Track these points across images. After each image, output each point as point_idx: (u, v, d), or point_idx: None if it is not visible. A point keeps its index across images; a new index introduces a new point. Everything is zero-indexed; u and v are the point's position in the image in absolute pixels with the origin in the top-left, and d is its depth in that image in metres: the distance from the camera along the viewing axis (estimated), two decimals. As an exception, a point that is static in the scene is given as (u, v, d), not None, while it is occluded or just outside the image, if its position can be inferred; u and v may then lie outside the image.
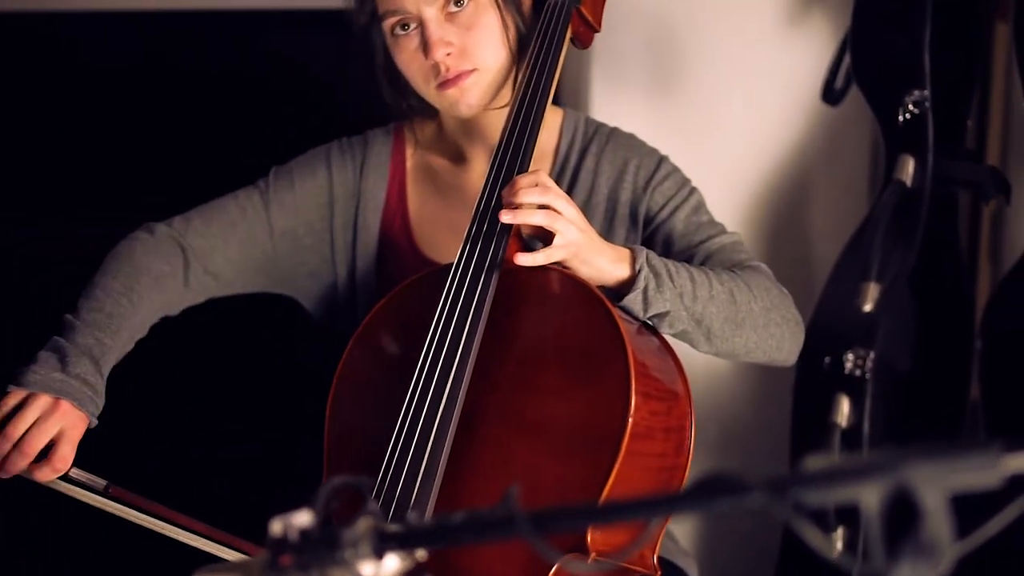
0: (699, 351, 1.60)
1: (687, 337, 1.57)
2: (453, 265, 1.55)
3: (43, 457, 1.50)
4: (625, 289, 1.52)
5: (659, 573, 1.51)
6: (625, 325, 1.46)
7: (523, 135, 1.63)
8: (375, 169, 1.84)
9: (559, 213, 1.49)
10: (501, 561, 1.41)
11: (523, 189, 1.50)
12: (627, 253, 1.53)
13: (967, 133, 2.39)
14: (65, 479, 1.52)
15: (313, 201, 1.82)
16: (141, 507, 1.53)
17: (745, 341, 1.59)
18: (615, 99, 2.50)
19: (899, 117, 2.19)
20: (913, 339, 2.29)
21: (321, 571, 0.87)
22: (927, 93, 2.16)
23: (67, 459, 1.51)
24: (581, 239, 1.50)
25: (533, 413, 1.46)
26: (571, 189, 1.78)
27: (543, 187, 1.50)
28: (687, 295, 1.53)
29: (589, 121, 1.84)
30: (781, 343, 1.63)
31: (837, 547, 2.11)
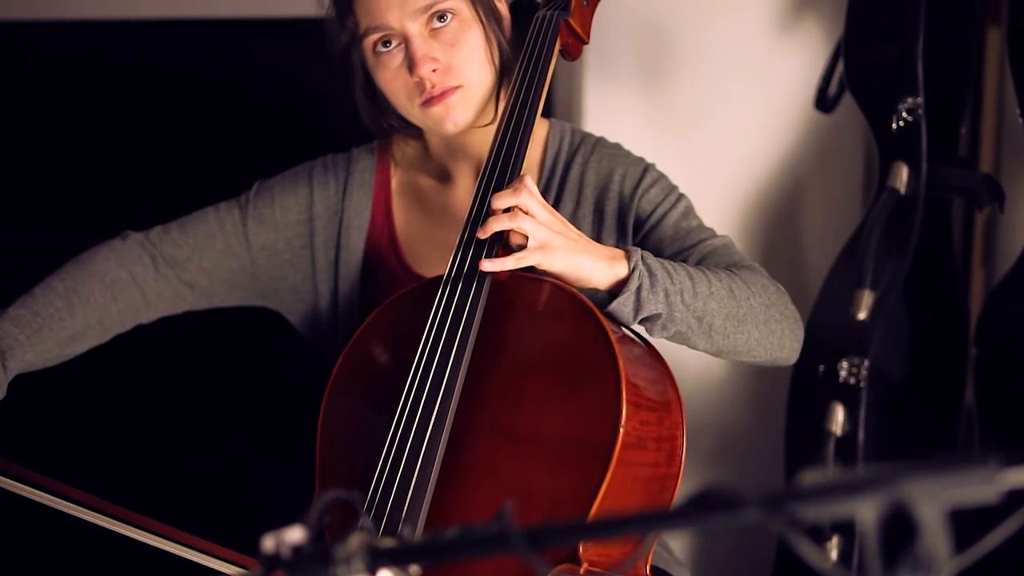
0: (698, 349, 1.58)
1: (684, 338, 1.55)
2: (442, 278, 1.55)
3: None
4: (619, 290, 1.50)
5: None
6: (615, 335, 1.45)
7: (512, 148, 1.62)
8: (359, 188, 1.83)
9: (529, 215, 1.48)
10: (494, 573, 1.40)
11: (500, 196, 1.50)
12: (621, 253, 1.51)
13: (961, 140, 2.39)
14: None
15: (293, 218, 1.82)
16: (30, 480, 1.53)
17: (747, 338, 1.57)
18: (608, 107, 2.49)
19: (892, 125, 2.19)
20: (907, 346, 2.29)
21: (314, 588, 0.86)
22: (920, 100, 2.16)
23: None
24: (555, 240, 1.48)
25: (523, 425, 1.45)
26: (558, 201, 1.77)
27: (515, 189, 1.49)
28: (687, 292, 1.51)
29: (575, 132, 1.83)
30: (782, 340, 1.62)
31: (832, 557, 2.11)
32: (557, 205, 1.76)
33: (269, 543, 0.88)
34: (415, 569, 0.89)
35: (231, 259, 1.80)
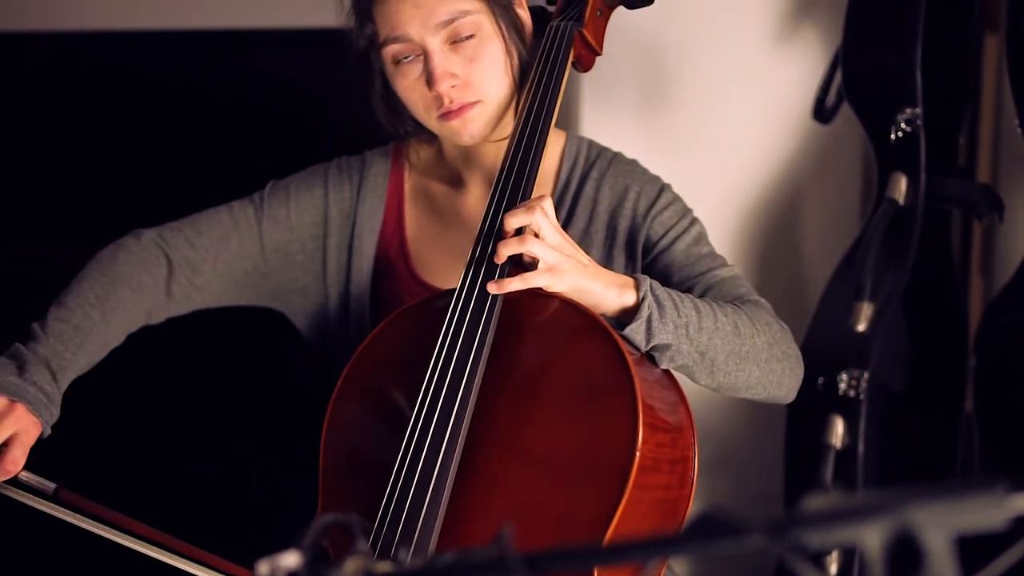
0: (699, 384, 1.57)
1: (688, 371, 1.54)
2: (454, 293, 1.52)
3: None
4: (627, 318, 1.49)
5: None
6: (630, 356, 1.43)
7: (526, 160, 1.60)
8: (372, 191, 1.81)
9: (539, 237, 1.46)
10: None
11: (513, 215, 1.48)
12: (630, 281, 1.50)
13: (959, 150, 2.38)
14: (14, 483, 1.51)
15: (308, 219, 1.80)
16: (93, 513, 1.51)
17: (747, 376, 1.56)
18: (605, 117, 2.48)
19: (891, 135, 2.18)
20: (906, 356, 2.28)
21: (310, 615, 0.85)
22: (919, 111, 2.15)
23: (18, 462, 1.50)
24: (564, 264, 1.46)
25: (537, 445, 1.42)
26: (571, 215, 1.76)
27: (529, 208, 1.47)
28: (692, 326, 1.49)
29: (592, 145, 1.81)
30: (782, 379, 1.60)
31: (831, 571, 2.09)
32: (570, 219, 1.75)
33: (264, 568, 0.87)
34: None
35: (244, 260, 1.79)
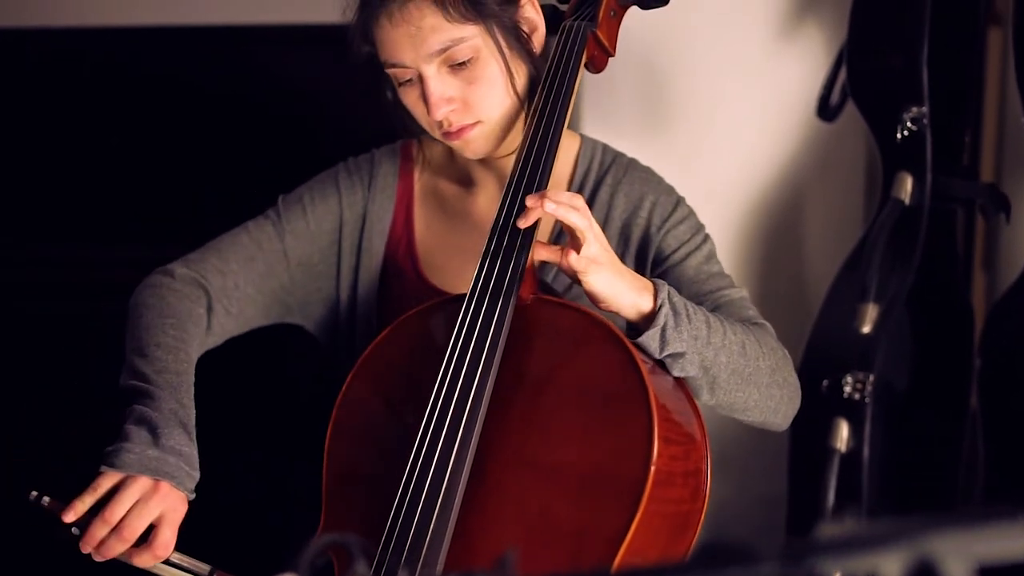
0: (699, 400, 1.55)
1: (691, 383, 1.52)
2: (465, 297, 1.50)
3: (142, 541, 1.44)
4: (642, 324, 1.46)
5: None
6: (645, 366, 1.40)
7: (539, 161, 1.57)
8: (382, 190, 1.79)
9: (592, 224, 1.44)
10: None
11: (555, 192, 1.45)
12: (649, 285, 1.48)
13: (965, 148, 2.36)
14: (167, 563, 1.47)
15: (326, 227, 1.77)
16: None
17: (747, 397, 1.54)
18: (606, 115, 2.46)
19: (897, 134, 2.15)
20: (910, 357, 2.26)
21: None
22: (925, 110, 2.13)
23: (169, 545, 1.45)
24: (603, 256, 1.44)
25: (549, 457, 1.39)
26: None
27: (575, 196, 1.45)
28: (701, 339, 1.47)
29: (607, 150, 1.79)
30: (779, 406, 1.59)
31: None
32: None
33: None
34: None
35: (271, 279, 1.75)
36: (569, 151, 1.77)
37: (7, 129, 2.56)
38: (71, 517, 1.42)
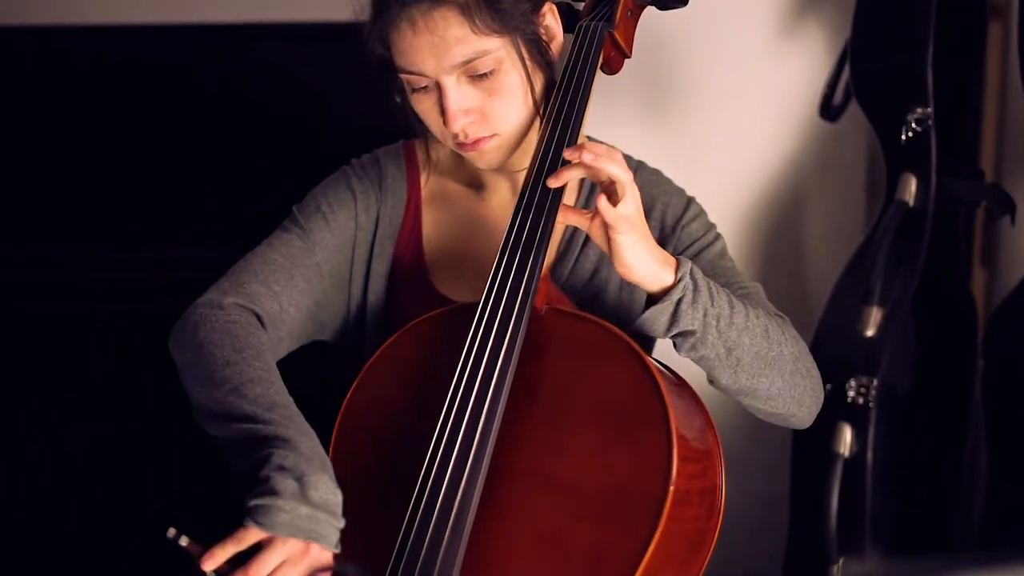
0: (720, 384, 1.52)
1: (711, 365, 1.49)
2: (474, 306, 1.46)
3: None
4: (661, 297, 1.44)
5: None
6: (665, 383, 1.38)
7: (556, 164, 1.53)
8: (393, 192, 1.75)
9: (631, 180, 1.41)
10: None
11: (596, 146, 1.43)
12: (673, 260, 1.46)
13: (970, 149, 2.36)
14: None
15: (347, 235, 1.72)
16: None
17: (770, 384, 1.52)
18: (607, 112, 2.45)
19: (902, 135, 2.14)
20: (912, 358, 2.25)
21: None
22: (930, 111, 2.12)
23: None
24: (636, 218, 1.42)
25: (563, 472, 1.37)
26: None
27: (613, 148, 1.43)
28: (723, 318, 1.46)
29: None
30: (803, 397, 1.57)
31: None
32: None
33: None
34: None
35: (309, 296, 1.68)
36: None
37: (7, 128, 2.54)
38: (211, 565, 1.33)
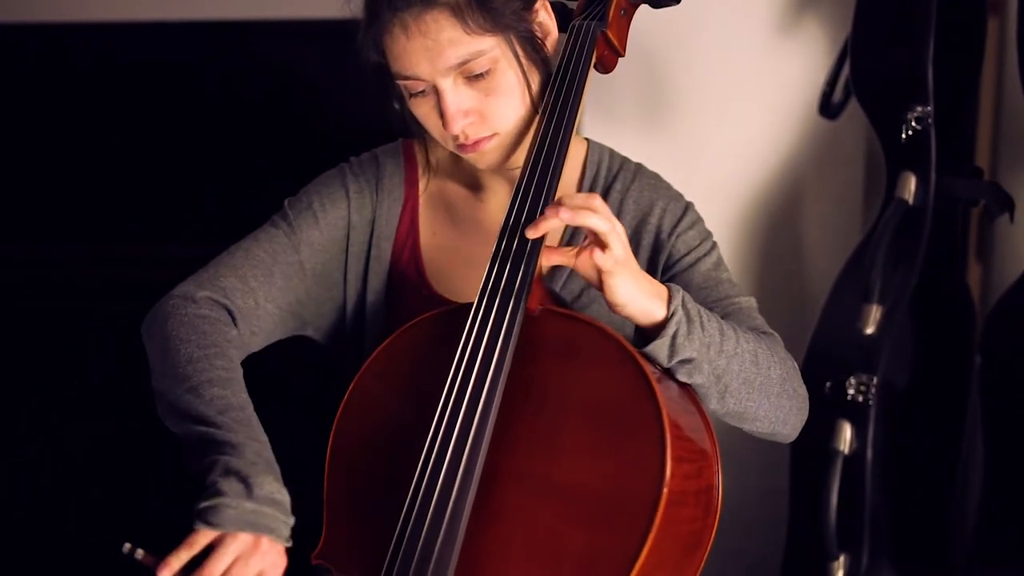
0: (708, 408, 1.52)
1: (701, 390, 1.50)
2: (468, 307, 1.46)
3: None
4: (651, 330, 1.44)
5: None
6: (658, 384, 1.37)
7: (548, 165, 1.53)
8: (389, 193, 1.74)
9: (614, 225, 1.40)
10: None
11: (571, 197, 1.42)
12: (664, 291, 1.45)
13: (968, 146, 2.36)
14: None
15: (337, 235, 1.72)
16: None
17: (756, 407, 1.52)
18: (606, 112, 2.45)
19: (901, 134, 2.14)
20: (910, 354, 2.25)
21: None
22: (930, 109, 2.12)
23: None
24: (626, 259, 1.41)
25: (556, 475, 1.36)
26: None
27: (591, 195, 1.41)
28: (713, 347, 1.45)
29: (613, 155, 1.76)
30: (788, 416, 1.57)
31: (839, 576, 2.08)
32: None
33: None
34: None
35: (289, 293, 1.69)
36: (576, 156, 1.74)
37: (7, 127, 2.54)
38: (166, 573, 1.34)
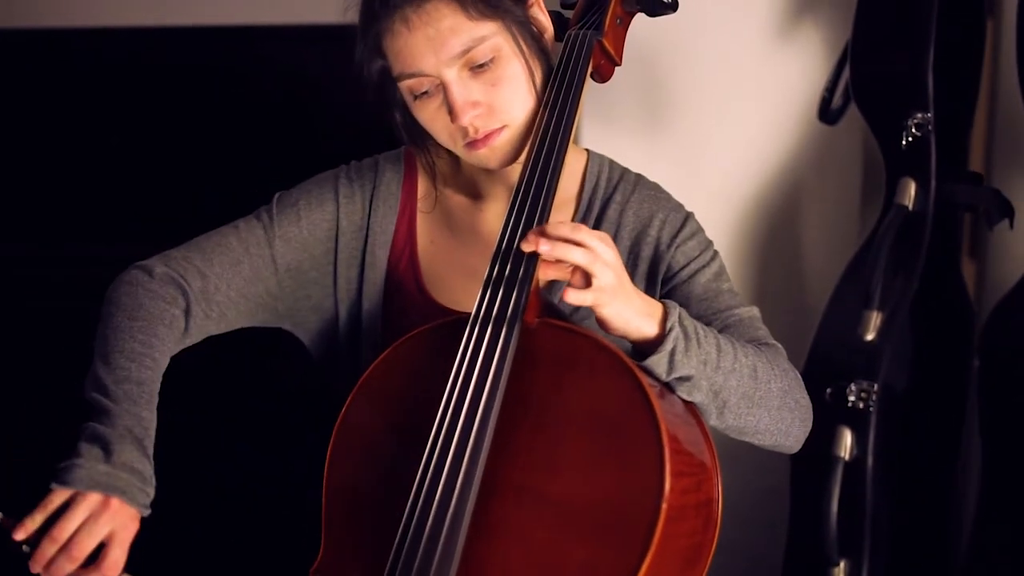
0: (708, 423, 1.51)
1: (700, 407, 1.49)
2: (466, 319, 1.45)
3: (92, 561, 1.40)
4: (649, 347, 1.43)
5: None
6: (657, 398, 1.36)
7: (544, 178, 1.52)
8: (385, 200, 1.73)
9: (599, 254, 1.38)
10: None
11: (555, 226, 1.40)
12: (659, 308, 1.44)
13: (964, 150, 2.36)
14: None
15: (321, 235, 1.72)
16: None
17: (757, 421, 1.51)
18: (604, 116, 2.45)
19: (902, 140, 2.14)
20: (910, 358, 2.24)
21: None
22: (930, 116, 2.12)
23: (118, 564, 1.41)
24: (617, 285, 1.39)
25: (556, 490, 1.36)
26: None
27: (576, 227, 1.40)
28: (710, 363, 1.45)
29: (613, 166, 1.74)
30: (791, 428, 1.56)
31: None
32: None
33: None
34: None
35: (257, 284, 1.69)
36: (575, 167, 1.72)
37: (10, 129, 2.53)
38: (21, 535, 1.39)
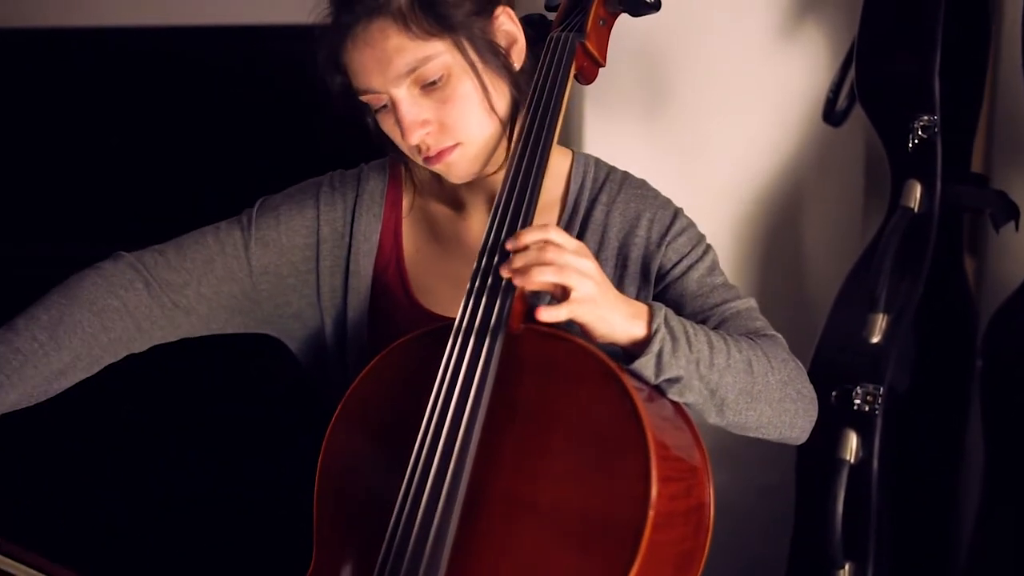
0: (709, 422, 1.50)
1: (697, 407, 1.48)
2: (451, 327, 1.44)
3: None
4: (637, 349, 1.41)
5: None
6: (643, 402, 1.35)
7: (527, 183, 1.50)
8: (368, 209, 1.72)
9: (572, 267, 1.37)
10: None
11: (529, 241, 1.39)
12: (644, 310, 1.42)
13: (967, 152, 2.36)
14: None
15: (299, 241, 1.71)
16: (19, 557, 1.41)
17: (759, 416, 1.50)
18: (606, 115, 2.44)
19: (908, 143, 2.13)
20: (913, 360, 2.24)
21: None
22: (936, 118, 2.11)
23: None
24: (597, 293, 1.38)
25: (541, 497, 1.34)
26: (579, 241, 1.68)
27: (551, 242, 1.38)
28: (703, 362, 1.43)
29: (599, 165, 1.73)
30: (795, 420, 1.54)
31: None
32: None
33: None
34: None
35: (232, 284, 1.69)
36: (560, 170, 1.70)
37: (10, 129, 2.52)
38: None
